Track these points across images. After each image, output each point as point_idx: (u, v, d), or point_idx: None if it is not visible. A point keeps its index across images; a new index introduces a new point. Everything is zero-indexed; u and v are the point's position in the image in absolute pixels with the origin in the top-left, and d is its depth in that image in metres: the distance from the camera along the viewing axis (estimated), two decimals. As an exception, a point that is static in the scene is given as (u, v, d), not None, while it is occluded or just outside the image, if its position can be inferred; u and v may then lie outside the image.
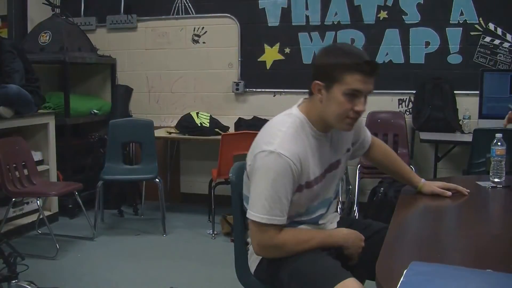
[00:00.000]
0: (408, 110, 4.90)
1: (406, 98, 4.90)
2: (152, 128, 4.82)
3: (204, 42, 5.34)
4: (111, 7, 5.57)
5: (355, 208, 4.61)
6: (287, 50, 5.07)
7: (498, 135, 2.39)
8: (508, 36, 4.66)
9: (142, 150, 4.90)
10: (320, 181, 2.00)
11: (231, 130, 4.91)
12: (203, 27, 5.32)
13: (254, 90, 5.23)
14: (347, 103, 1.84)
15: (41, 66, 5.07)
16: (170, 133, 5.01)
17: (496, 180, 2.36)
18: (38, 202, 4.04)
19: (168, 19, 5.40)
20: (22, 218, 4.49)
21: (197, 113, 4.94)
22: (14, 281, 2.94)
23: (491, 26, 4.69)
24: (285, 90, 5.11)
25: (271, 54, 5.11)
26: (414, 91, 4.81)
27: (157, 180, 4.53)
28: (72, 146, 5.09)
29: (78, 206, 4.41)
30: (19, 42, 5.00)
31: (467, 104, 4.67)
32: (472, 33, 4.73)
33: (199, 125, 4.84)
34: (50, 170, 4.68)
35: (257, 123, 4.57)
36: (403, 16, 4.83)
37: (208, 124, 4.86)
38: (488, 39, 4.71)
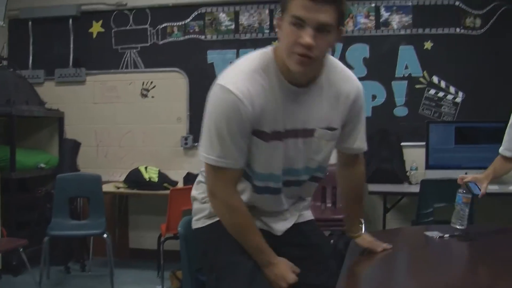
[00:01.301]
0: (356, 162, 5.18)
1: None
2: (100, 182, 4.93)
3: (153, 96, 5.57)
4: (59, 60, 5.76)
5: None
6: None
7: (470, 184, 2.54)
8: (452, 89, 5.04)
9: (90, 205, 4.97)
10: (280, 140, 1.88)
11: (180, 184, 5.09)
12: (151, 81, 5.56)
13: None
14: (291, 34, 1.69)
15: (-15, 119, 5.15)
16: (118, 187, 5.15)
17: (457, 227, 2.47)
18: (-21, 260, 4.07)
19: (117, 73, 5.64)
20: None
21: (146, 168, 5.12)
22: None
23: (435, 79, 5.07)
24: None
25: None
26: (362, 144, 5.08)
27: (105, 235, 4.60)
28: (17, 201, 5.12)
29: (22, 263, 4.36)
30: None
31: (414, 155, 4.96)
32: (417, 86, 5.10)
33: (148, 179, 5.02)
34: (-7, 226, 4.69)
35: (205, 177, 4.76)
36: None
37: (156, 178, 5.05)
38: (432, 91, 5.08)
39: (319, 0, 1.64)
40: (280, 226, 2.09)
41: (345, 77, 1.99)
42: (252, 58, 1.85)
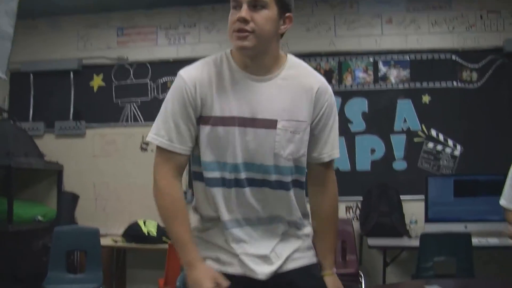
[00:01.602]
0: (355, 216, 5.23)
1: (354, 205, 5.23)
2: (98, 236, 4.89)
3: (152, 150, 5.54)
4: (60, 113, 5.87)
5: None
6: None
7: None
8: (450, 142, 5.14)
9: (87, 259, 4.91)
10: (232, 126, 1.89)
11: (179, 238, 5.11)
12: (151, 135, 5.64)
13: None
14: (231, 17, 1.85)
15: (-16, 170, 5.17)
16: (116, 241, 5.18)
17: None
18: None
19: (117, 127, 5.74)
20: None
21: (144, 222, 5.15)
22: None
23: (433, 132, 5.17)
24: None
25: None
26: (361, 198, 5.13)
27: (102, 289, 4.57)
28: (14, 254, 5.10)
29: (17, 318, 4.41)
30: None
31: (413, 209, 5.00)
32: (415, 140, 5.19)
33: (146, 233, 5.05)
34: (-11, 280, 4.69)
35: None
36: (348, 125, 5.27)
37: (155, 232, 5.07)
38: (431, 145, 5.17)
39: None
40: (264, 269, 1.92)
41: (308, 72, 2.02)
42: (213, 55, 1.97)
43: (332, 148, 2.02)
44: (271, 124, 1.89)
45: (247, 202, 1.93)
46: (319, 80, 1.99)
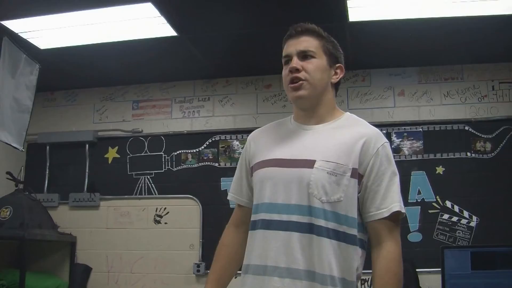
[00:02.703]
0: (370, 290, 5.26)
1: (368, 278, 5.24)
2: None
3: (166, 223, 5.71)
4: (74, 184, 5.99)
5: None
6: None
7: None
8: (465, 213, 5.16)
9: None
10: (268, 166, 1.99)
11: (191, 312, 5.16)
12: (165, 208, 5.72)
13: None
14: (284, 71, 2.03)
15: (-3, 241, 5.24)
16: (128, 315, 5.24)
17: None
18: None
19: (130, 199, 5.83)
20: None
21: (157, 295, 5.22)
22: None
23: (448, 204, 5.21)
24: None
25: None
26: (376, 271, 5.15)
27: None
28: None
29: None
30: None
31: (430, 282, 4.99)
32: (430, 211, 5.22)
33: (159, 307, 5.11)
34: None
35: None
36: (363, 197, 5.35)
37: (167, 306, 5.14)
38: (446, 216, 5.20)
39: (297, 34, 2.00)
40: None
41: (362, 123, 2.07)
42: None
43: (386, 201, 1.90)
44: (309, 163, 1.89)
45: (267, 242, 1.93)
46: (372, 130, 2.00)
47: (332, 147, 1.92)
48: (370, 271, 1.96)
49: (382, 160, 1.92)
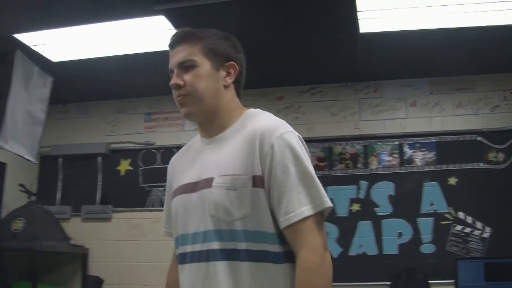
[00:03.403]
0: (383, 302, 5.26)
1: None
2: None
3: (180, 234, 5.76)
4: (87, 196, 6.04)
5: None
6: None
7: None
8: (478, 224, 5.17)
9: None
10: (178, 194, 1.83)
11: (205, 323, 5.15)
12: (177, 219, 5.78)
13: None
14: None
15: (10, 253, 5.29)
16: (140, 327, 5.26)
17: None
18: None
19: (143, 211, 5.89)
20: None
21: (169, 307, 5.22)
22: None
23: (461, 215, 5.22)
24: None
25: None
26: (389, 283, 5.14)
27: None
28: None
29: None
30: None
31: (443, 294, 5.01)
32: (443, 222, 5.24)
33: (171, 319, 5.12)
34: None
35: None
36: (375, 208, 5.37)
37: (180, 318, 5.13)
38: (459, 227, 5.21)
39: (173, 45, 1.83)
40: None
41: (259, 118, 1.84)
42: None
43: (295, 204, 1.63)
44: (208, 183, 1.72)
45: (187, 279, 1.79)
46: (265, 123, 1.77)
47: (230, 157, 1.72)
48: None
49: (281, 154, 1.66)
